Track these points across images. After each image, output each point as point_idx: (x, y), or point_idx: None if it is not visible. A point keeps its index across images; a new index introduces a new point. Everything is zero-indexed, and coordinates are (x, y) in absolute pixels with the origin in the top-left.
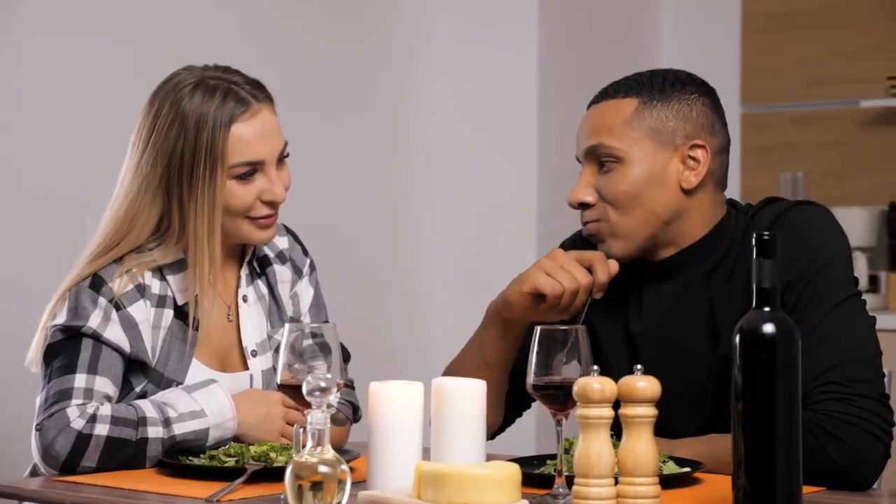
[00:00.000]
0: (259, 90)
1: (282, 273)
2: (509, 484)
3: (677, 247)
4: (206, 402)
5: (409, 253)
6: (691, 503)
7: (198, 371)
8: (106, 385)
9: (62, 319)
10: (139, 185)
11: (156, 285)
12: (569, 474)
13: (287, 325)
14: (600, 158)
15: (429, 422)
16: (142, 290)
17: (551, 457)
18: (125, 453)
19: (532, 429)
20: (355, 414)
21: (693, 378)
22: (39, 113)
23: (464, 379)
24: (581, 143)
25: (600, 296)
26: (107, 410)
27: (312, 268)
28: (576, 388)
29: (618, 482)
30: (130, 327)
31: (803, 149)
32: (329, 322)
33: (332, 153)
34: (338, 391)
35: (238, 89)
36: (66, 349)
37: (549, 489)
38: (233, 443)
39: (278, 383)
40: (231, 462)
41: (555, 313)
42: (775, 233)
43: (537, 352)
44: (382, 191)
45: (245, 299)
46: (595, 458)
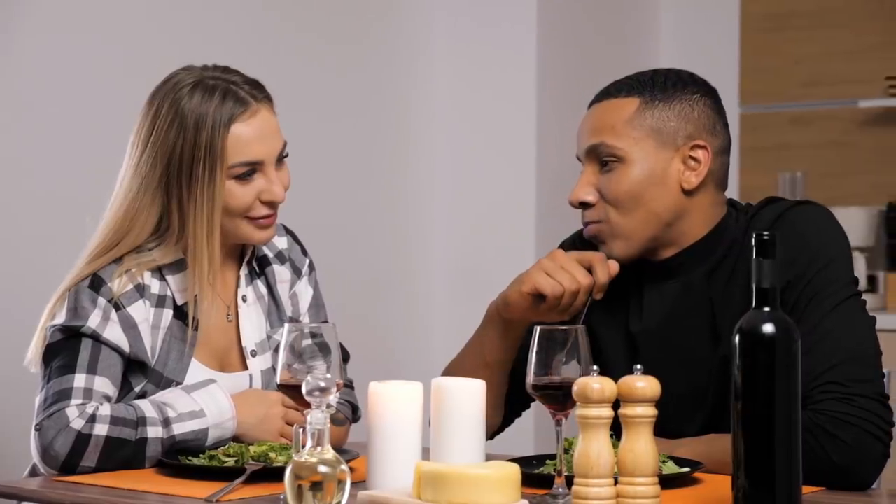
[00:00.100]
0: (258, 90)
1: (281, 273)
2: (509, 484)
3: (678, 247)
4: (205, 402)
5: (409, 253)
6: (691, 503)
7: (197, 371)
8: (105, 385)
9: (61, 319)
10: (138, 186)
11: (155, 285)
12: (568, 474)
13: (286, 325)
14: (601, 158)
15: (428, 422)
16: (141, 290)
17: (550, 457)
18: (124, 453)
19: (530, 429)
20: (354, 414)
21: (693, 378)
22: (39, 113)
23: (463, 379)
24: (582, 141)
25: (600, 297)
26: (106, 410)
27: (312, 268)
28: (575, 388)
29: (617, 482)
30: (130, 327)
31: (802, 149)
32: (328, 322)
33: (332, 153)
34: (337, 391)
35: (237, 89)
36: (66, 349)
37: (548, 489)
38: (232, 443)
39: (278, 383)
40: (230, 462)
41: (555, 314)
42: (775, 233)
43: (537, 352)
44: (381, 191)
45: (244, 299)
46: (595, 458)
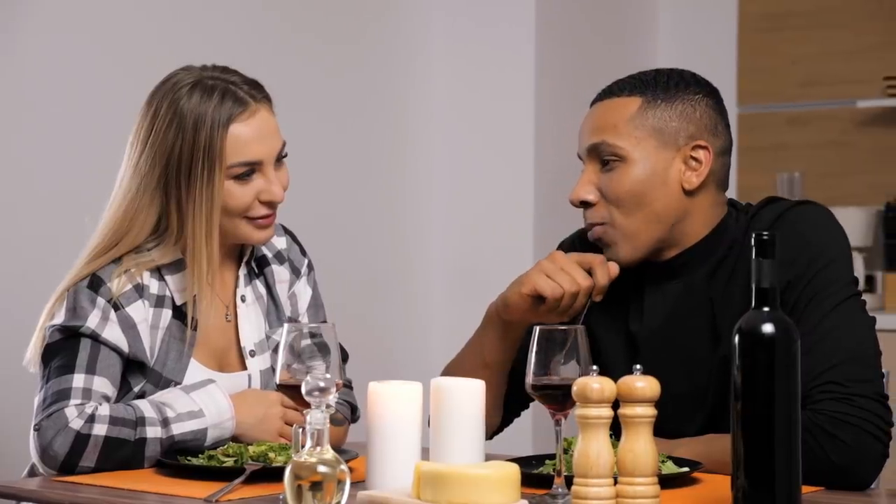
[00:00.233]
0: (257, 90)
1: (280, 273)
2: (509, 484)
3: (680, 247)
4: (204, 403)
5: (407, 253)
6: (690, 503)
7: (196, 371)
8: (104, 385)
9: (60, 319)
10: (138, 186)
11: (154, 285)
12: (568, 474)
13: (285, 325)
14: (603, 157)
15: (427, 422)
16: (140, 291)
17: (550, 457)
18: (123, 453)
19: (529, 429)
20: (353, 414)
21: (694, 378)
22: (39, 113)
23: (463, 379)
24: (583, 140)
25: (599, 299)
26: (105, 410)
27: (310, 268)
28: (575, 388)
29: (617, 482)
30: (129, 327)
31: (799, 149)
32: (327, 322)
33: (330, 153)
34: (336, 391)
35: (236, 89)
36: (65, 349)
37: (548, 489)
38: (231, 443)
39: (277, 383)
40: (230, 462)
41: (554, 315)
42: (775, 233)
43: (536, 352)
44: (380, 191)
45: (243, 299)
46: (594, 458)
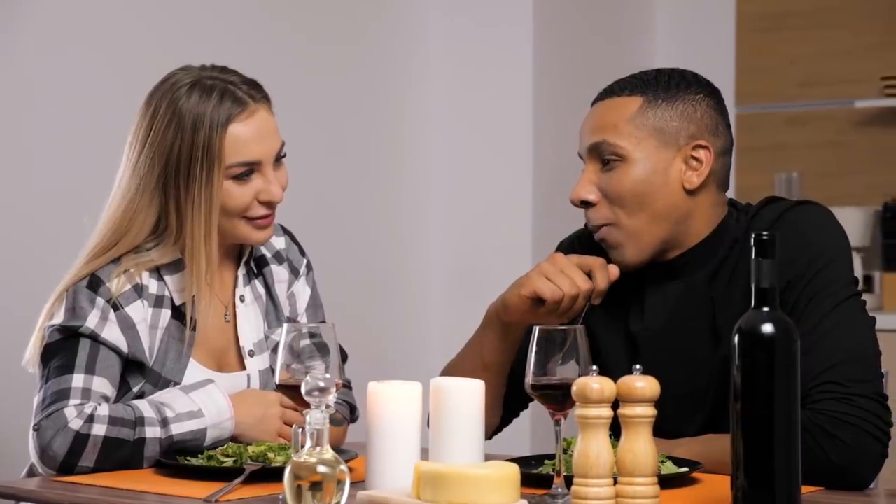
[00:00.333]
0: (256, 90)
1: (279, 273)
2: (508, 484)
3: (682, 248)
4: (203, 403)
5: (405, 253)
6: (690, 503)
7: (195, 371)
8: (103, 385)
9: (60, 319)
10: (137, 186)
11: (153, 285)
12: (567, 474)
13: (285, 325)
14: (603, 156)
15: (426, 422)
16: (139, 291)
17: (549, 457)
18: (123, 453)
19: (527, 429)
20: (352, 414)
21: (694, 379)
22: (38, 113)
23: (462, 379)
24: (584, 139)
25: (598, 302)
26: (104, 410)
27: (309, 268)
28: (575, 388)
29: (616, 482)
30: (128, 327)
31: (798, 149)
32: (326, 322)
33: (328, 153)
34: (336, 391)
35: (235, 89)
36: (64, 349)
37: (547, 489)
38: (230, 443)
39: (277, 383)
40: (229, 462)
41: (553, 317)
42: (774, 233)
43: (536, 352)
44: (378, 191)
45: (242, 299)
46: (594, 458)
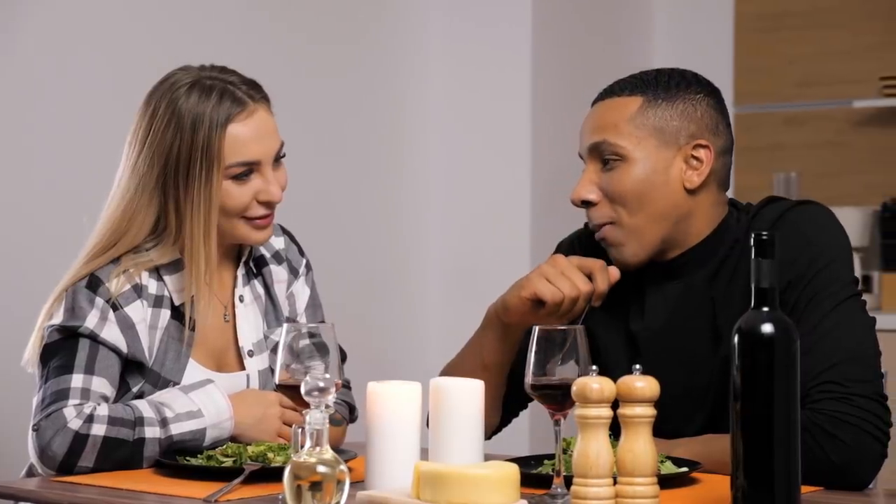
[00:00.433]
0: (255, 90)
1: (278, 273)
2: (508, 484)
3: (682, 248)
4: (202, 403)
5: (404, 253)
6: (689, 503)
7: (194, 371)
8: (103, 385)
9: (59, 319)
10: (136, 186)
11: (153, 285)
12: (567, 474)
13: (284, 326)
14: (604, 156)
15: (425, 422)
16: (139, 291)
17: (548, 457)
18: (122, 453)
19: (526, 429)
20: (351, 414)
21: (695, 378)
22: (38, 113)
23: (462, 379)
24: (584, 139)
25: (598, 304)
26: (104, 410)
27: (308, 268)
28: (574, 388)
29: (616, 482)
30: (127, 327)
31: (796, 149)
32: (325, 322)
33: (328, 153)
34: (336, 391)
35: (234, 89)
36: (63, 349)
37: (547, 489)
38: (230, 443)
39: (276, 384)
40: (229, 462)
41: (553, 319)
42: (774, 232)
43: (535, 352)
44: (377, 191)
45: (241, 299)
46: (594, 458)
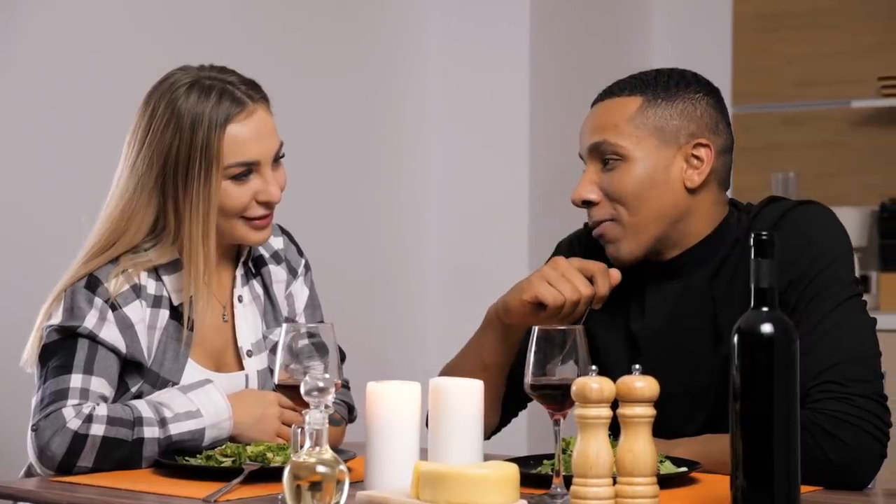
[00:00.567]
0: (255, 90)
1: (277, 273)
2: (508, 484)
3: (682, 247)
4: (201, 403)
5: (403, 253)
6: (689, 503)
7: (193, 371)
8: (102, 385)
9: (58, 319)
10: (135, 186)
11: (151, 285)
12: (566, 474)
13: (284, 326)
14: (604, 156)
15: (425, 422)
16: (137, 291)
17: (547, 457)
18: (121, 453)
19: (524, 429)
20: (350, 414)
21: (695, 378)
22: (37, 113)
23: (461, 379)
24: (584, 140)
25: (599, 307)
26: (103, 410)
27: (307, 268)
28: (574, 388)
29: (616, 482)
30: (126, 327)
31: (794, 149)
32: (324, 322)
33: (326, 153)
34: (335, 391)
35: (234, 89)
36: (62, 349)
37: (546, 489)
38: (229, 443)
39: (276, 384)
40: (228, 462)
41: (554, 321)
42: (773, 233)
43: (535, 352)
44: (376, 191)
45: (240, 299)
46: (594, 458)
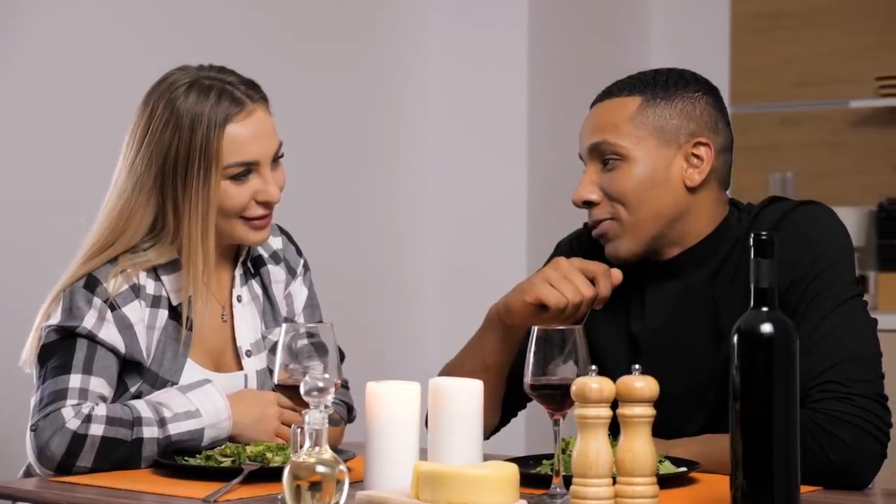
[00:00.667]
0: (254, 90)
1: (276, 273)
2: (508, 484)
3: (682, 246)
4: (201, 402)
5: (402, 253)
6: (689, 503)
7: (192, 371)
8: (101, 385)
9: (57, 320)
10: (133, 185)
11: (150, 285)
12: (566, 474)
13: (283, 326)
14: (604, 156)
15: (424, 422)
16: (136, 291)
17: (546, 456)
18: (120, 453)
19: (522, 428)
20: (349, 414)
21: (696, 378)
22: (36, 113)
23: (461, 379)
24: (584, 140)
25: (600, 308)
26: (102, 411)
27: (306, 268)
28: (574, 387)
29: (615, 482)
30: (125, 327)
31: (792, 149)
32: (323, 322)
33: (325, 153)
34: (335, 391)
35: (233, 89)
36: (61, 349)
37: (546, 489)
38: (228, 443)
39: (275, 384)
40: (227, 462)
41: (557, 322)
42: (773, 233)
43: (534, 352)
44: (375, 191)
45: (239, 299)
46: (593, 458)
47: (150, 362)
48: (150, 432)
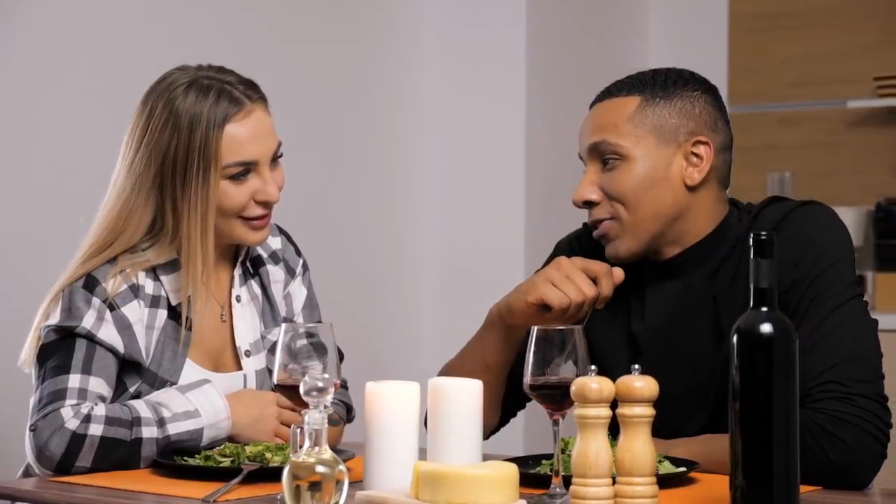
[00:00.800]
0: (253, 90)
1: (275, 273)
2: (507, 484)
3: (681, 246)
4: (200, 402)
5: (400, 253)
6: (688, 503)
7: (191, 371)
8: (100, 385)
9: (56, 320)
10: (132, 185)
11: (149, 285)
12: (565, 474)
13: (283, 326)
14: (604, 156)
15: (423, 422)
16: (135, 291)
17: (546, 456)
18: (120, 453)
19: (521, 428)
20: (349, 414)
21: (696, 377)
22: (35, 113)
23: (460, 379)
24: (584, 140)
25: (602, 307)
26: (101, 411)
27: (305, 268)
28: (574, 387)
29: (615, 482)
30: (124, 327)
31: (790, 149)
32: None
33: (323, 153)
34: (334, 391)
35: (232, 89)
36: (60, 349)
37: (545, 489)
38: (228, 443)
39: (275, 384)
40: (226, 462)
41: (558, 322)
42: (773, 233)
43: (534, 352)
44: (373, 191)
45: (238, 299)
46: (593, 458)
47: (149, 362)
48: (149, 432)
